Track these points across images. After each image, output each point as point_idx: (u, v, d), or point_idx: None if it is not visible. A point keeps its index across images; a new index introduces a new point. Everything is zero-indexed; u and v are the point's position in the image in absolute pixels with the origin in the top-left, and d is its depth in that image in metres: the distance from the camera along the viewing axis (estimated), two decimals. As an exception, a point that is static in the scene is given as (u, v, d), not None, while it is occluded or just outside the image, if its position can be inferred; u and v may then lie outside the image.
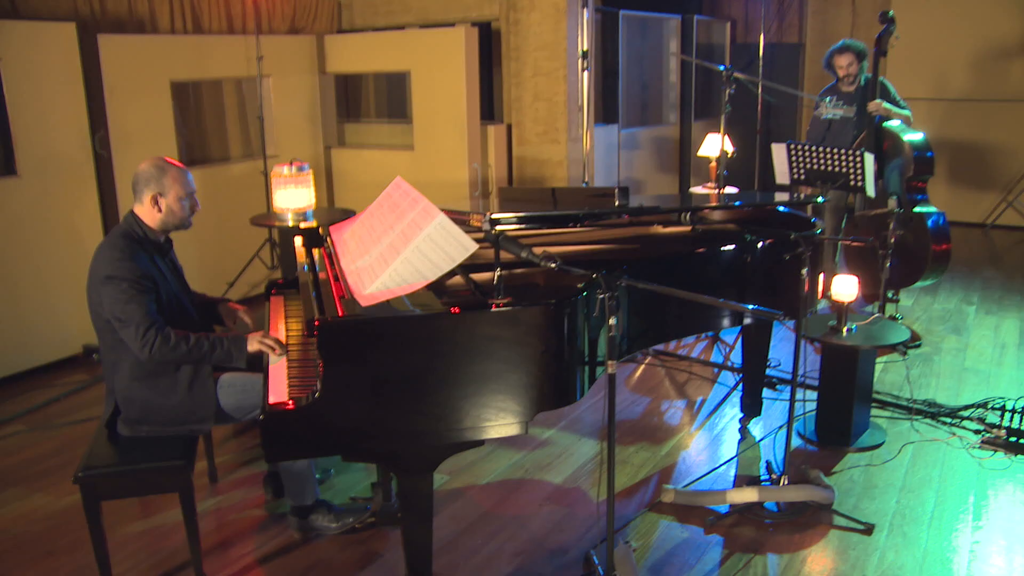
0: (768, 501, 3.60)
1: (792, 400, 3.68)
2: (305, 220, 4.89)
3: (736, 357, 5.37)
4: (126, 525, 3.52)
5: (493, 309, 2.59)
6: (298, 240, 3.84)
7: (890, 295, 6.04)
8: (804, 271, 3.49)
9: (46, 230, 5.20)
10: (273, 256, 6.60)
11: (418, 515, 2.76)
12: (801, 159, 5.35)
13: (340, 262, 3.12)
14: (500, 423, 2.64)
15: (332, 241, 3.46)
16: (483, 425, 2.62)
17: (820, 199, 4.07)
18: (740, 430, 4.39)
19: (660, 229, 4.01)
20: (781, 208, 4.33)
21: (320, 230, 3.83)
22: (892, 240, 5.38)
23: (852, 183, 5.15)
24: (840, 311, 4.13)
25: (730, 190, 6.16)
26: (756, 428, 4.41)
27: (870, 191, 5.10)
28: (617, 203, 3.46)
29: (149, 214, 3.10)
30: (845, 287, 4.06)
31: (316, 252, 3.67)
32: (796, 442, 4.25)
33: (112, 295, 2.91)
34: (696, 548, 3.36)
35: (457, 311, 2.56)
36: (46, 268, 5.20)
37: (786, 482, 3.66)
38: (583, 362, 2.78)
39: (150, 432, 3.02)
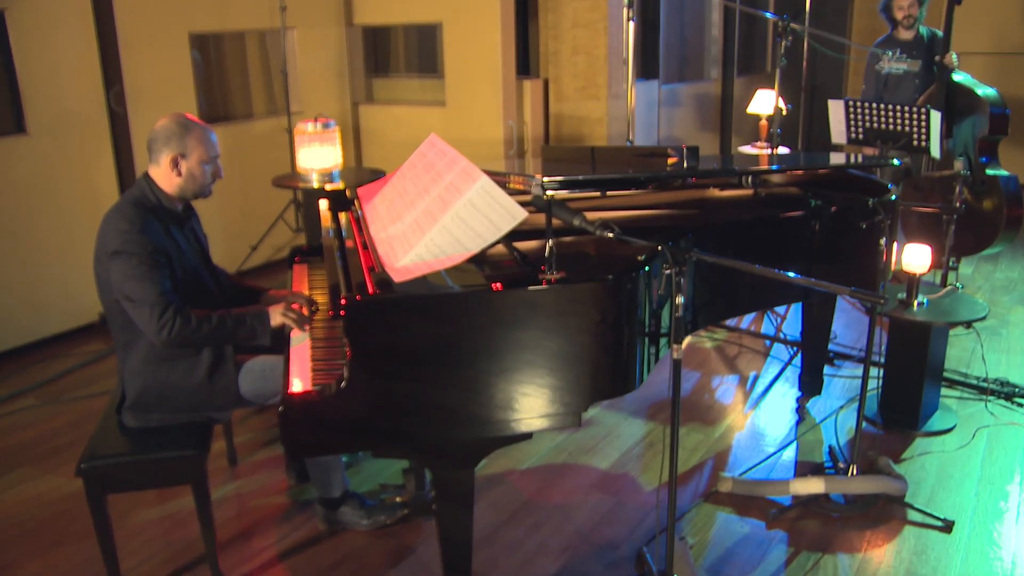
0: (835, 492, 3.29)
1: (865, 381, 3.34)
2: (331, 181, 4.58)
3: (788, 328, 5.03)
4: (139, 512, 3.27)
5: (544, 285, 2.28)
6: (323, 203, 3.54)
7: (950, 263, 5.66)
8: (883, 241, 3.15)
9: (59, 191, 4.93)
10: (298, 218, 6.31)
11: (457, 508, 2.47)
12: (860, 117, 4.97)
13: (369, 228, 2.81)
14: (551, 414, 2.34)
15: (360, 205, 3.16)
16: (532, 417, 2.32)
17: (896, 161, 3.71)
18: (797, 410, 4.07)
19: (717, 193, 3.66)
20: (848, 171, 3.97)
21: (347, 192, 3.53)
22: (959, 205, 5.00)
23: (916, 143, 4.77)
24: (911, 283, 3.78)
25: (782, 151, 5.78)
26: (814, 408, 4.09)
27: (935, 152, 4.72)
28: (686, 165, 3.12)
29: (166, 178, 2.78)
30: (917, 257, 3.70)
31: (343, 217, 3.37)
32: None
33: (121, 271, 2.60)
34: (758, 545, 3.06)
35: (502, 287, 2.24)
36: (59, 232, 4.93)
37: (855, 471, 3.35)
38: (644, 344, 2.46)
39: (162, 421, 2.74)
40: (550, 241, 2.31)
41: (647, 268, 2.42)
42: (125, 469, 2.60)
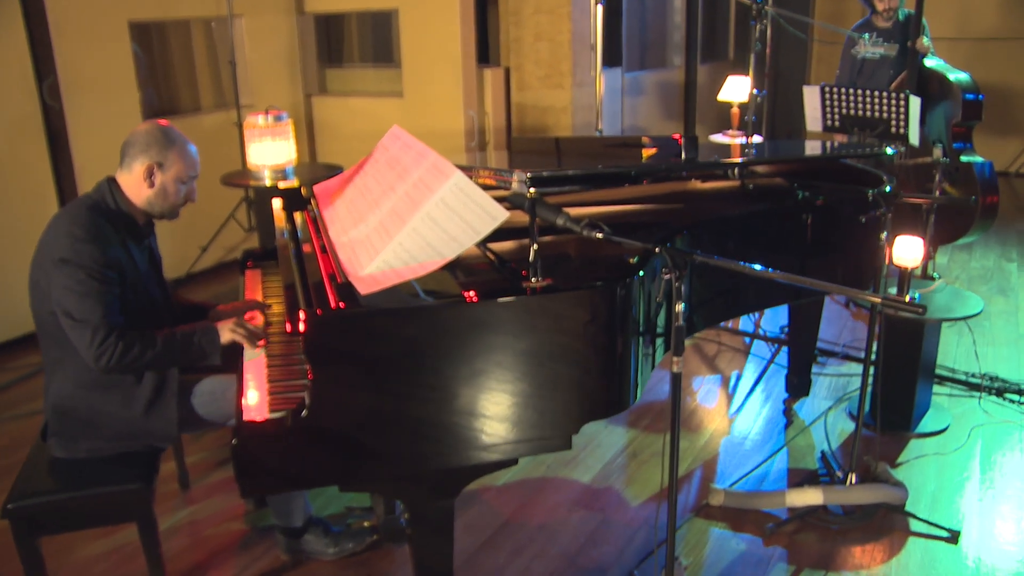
0: (834, 503, 3.09)
1: (864, 385, 3.15)
2: (285, 178, 4.29)
3: (767, 324, 4.83)
4: (81, 546, 2.96)
5: (529, 295, 2.03)
6: (276, 202, 3.26)
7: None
8: (884, 235, 2.95)
9: (-10, 192, 4.57)
10: (250, 217, 5.99)
11: (436, 537, 2.20)
12: (836, 103, 4.80)
13: (328, 231, 2.54)
14: (539, 438, 2.09)
15: (318, 204, 2.88)
16: (519, 442, 2.07)
17: (890, 150, 3.53)
18: (784, 412, 3.87)
19: (700, 185, 3.44)
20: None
21: (303, 190, 3.25)
22: (938, 193, 4.84)
23: (894, 129, 4.59)
24: (902, 277, 3.58)
25: (756, 139, 5.58)
26: (801, 409, 3.90)
27: (913, 139, 4.54)
28: (684, 156, 2.88)
29: (136, 187, 2.48)
30: (908, 250, 3.51)
31: (298, 217, 3.09)
32: (850, 426, 3.74)
33: (64, 284, 2.30)
34: (757, 564, 2.85)
35: (482, 298, 1.99)
36: (-8, 235, 4.58)
37: (854, 480, 3.15)
38: (638, 357, 2.23)
39: (91, 451, 2.44)
40: (534, 244, 2.06)
41: (641, 273, 2.18)
42: (58, 508, 2.30)
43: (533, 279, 2.06)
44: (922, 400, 3.75)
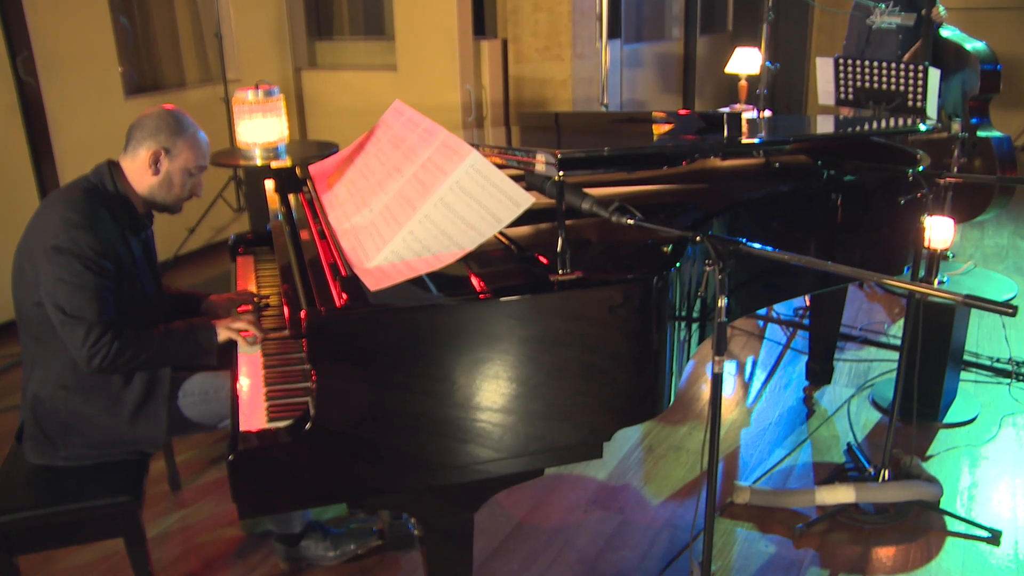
0: (866, 502, 2.91)
1: (900, 374, 2.96)
2: (277, 157, 4.05)
3: (781, 306, 4.64)
4: (64, 556, 2.75)
5: (557, 290, 1.82)
6: (269, 184, 3.04)
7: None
8: (924, 218, 2.75)
9: (-37, 173, 4.32)
10: (239, 196, 5.74)
11: (455, 548, 2.01)
12: (851, 76, 4.59)
13: (328, 217, 2.33)
14: (567, 447, 1.89)
15: (315, 187, 2.67)
16: (545, 450, 1.88)
17: (923, 126, 3.33)
18: (805, 400, 3.69)
19: (720, 163, 3.23)
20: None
21: (297, 170, 3.03)
22: (956, 169, 4.66)
23: (911, 103, 4.39)
24: (931, 260, 3.39)
25: (766, 114, 5.37)
26: (823, 397, 3.72)
27: (931, 112, 4.33)
28: (727, 134, 2.66)
29: (140, 173, 2.29)
30: (939, 231, 3.31)
31: (293, 199, 2.87)
32: (874, 416, 3.56)
33: (57, 274, 2.08)
34: (788, 568, 2.67)
35: (504, 295, 1.78)
36: (-34, 219, 4.32)
37: (887, 476, 2.97)
38: (673, 355, 2.03)
39: (69, 459, 2.22)
40: (563, 233, 1.85)
41: (678, 264, 1.97)
42: (37, 525, 2.09)
43: (560, 271, 1.85)
44: (950, 388, 3.57)
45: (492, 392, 1.79)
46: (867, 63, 4.47)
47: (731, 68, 5.72)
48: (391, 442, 1.75)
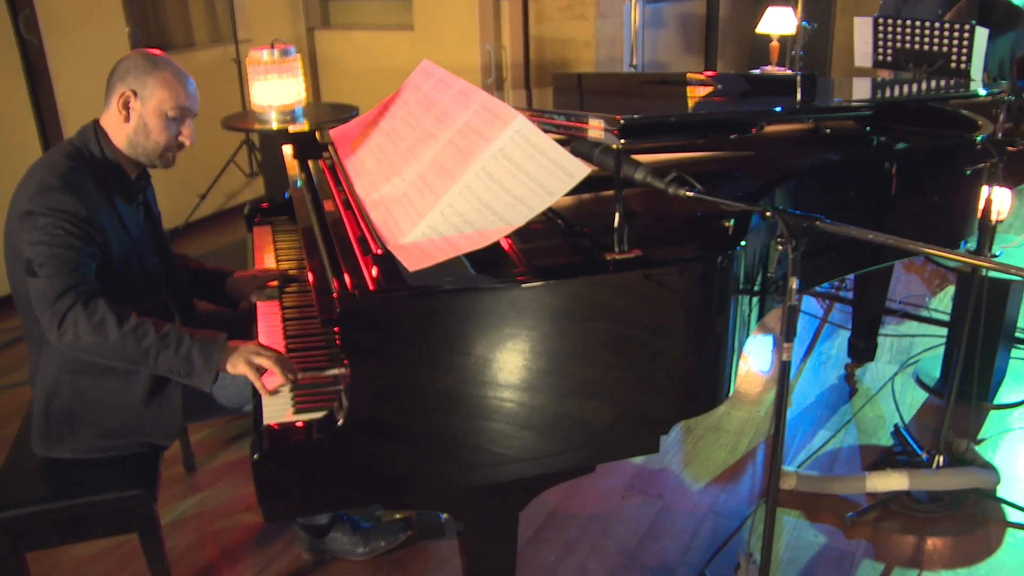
0: (920, 489, 2.75)
1: (951, 353, 2.78)
2: (293, 121, 3.86)
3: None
4: (73, 545, 2.60)
5: (612, 271, 1.65)
6: (287, 149, 2.86)
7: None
8: (989, 189, 2.57)
9: (-35, 137, 4.14)
10: (252, 160, 5.56)
11: (498, 544, 1.85)
12: (890, 36, 4.38)
13: (354, 186, 2.15)
14: (620, 440, 1.73)
15: (337, 153, 2.49)
16: (598, 443, 1.71)
17: (982, 91, 3.13)
18: (847, 378, 3.52)
19: (766, 128, 3.02)
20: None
21: (317, 135, 2.85)
22: (1000, 135, 4.44)
23: (954, 64, 4.18)
24: (984, 231, 3.20)
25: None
26: (865, 374, 3.55)
27: (976, 74, 4.13)
28: (800, 99, 2.47)
29: (115, 125, 2.07)
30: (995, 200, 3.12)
31: (312, 165, 2.69)
32: (920, 395, 3.39)
33: (31, 238, 1.88)
34: (840, 560, 2.52)
35: (561, 276, 1.61)
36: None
37: (941, 462, 2.81)
38: (735, 342, 1.86)
39: (77, 452, 2.04)
40: (620, 207, 1.67)
41: (743, 243, 1.80)
42: (46, 520, 1.94)
43: (617, 249, 1.67)
44: (1000, 367, 3.39)
45: (542, 381, 1.62)
46: (908, 22, 4.26)
47: (763, 28, 5.48)
48: (433, 436, 1.59)
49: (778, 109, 2.48)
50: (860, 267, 2.69)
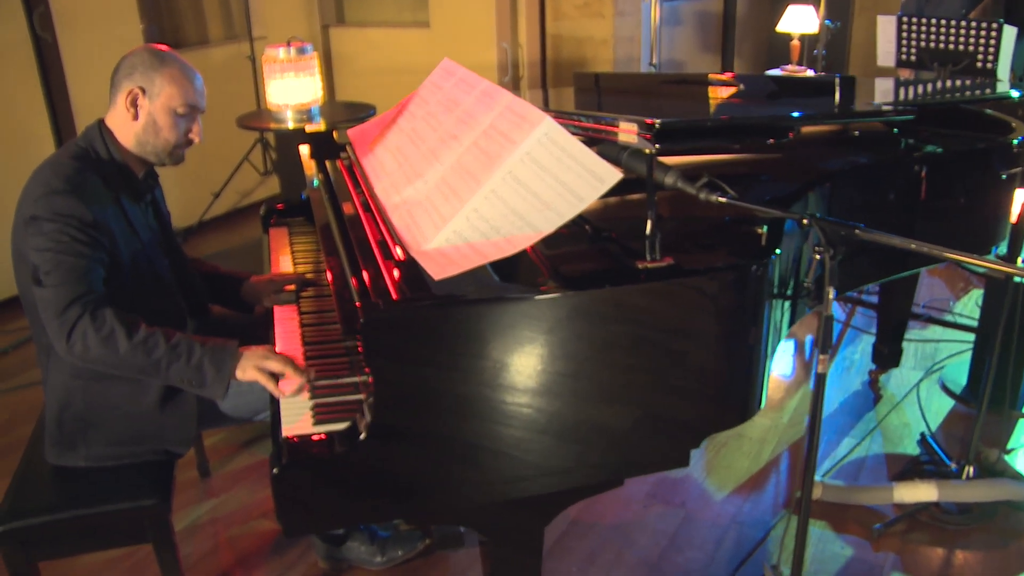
0: (950, 500, 2.69)
1: (980, 359, 2.72)
2: (310, 120, 3.81)
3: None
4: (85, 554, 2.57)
5: (644, 280, 1.59)
6: (304, 149, 2.81)
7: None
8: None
9: (-22, 135, 4.11)
10: (266, 159, 5.52)
11: (523, 555, 1.79)
12: (914, 35, 4.32)
13: (374, 188, 2.10)
14: (649, 454, 1.68)
15: (356, 153, 2.44)
16: (628, 459, 1.66)
17: (1015, 93, 3.05)
18: (871, 384, 3.46)
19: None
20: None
21: (334, 135, 2.80)
22: None
23: (980, 64, 4.10)
24: (1015, 235, 3.13)
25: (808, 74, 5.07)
26: (889, 380, 3.48)
27: (1003, 73, 4.05)
28: (838, 102, 2.41)
29: (123, 123, 2.02)
30: (1025, 203, 3.06)
31: (330, 166, 2.65)
32: (946, 402, 3.32)
33: (36, 244, 1.83)
34: (867, 574, 2.46)
35: (594, 285, 1.56)
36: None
37: (971, 473, 2.74)
38: (767, 352, 1.80)
39: (91, 459, 2.00)
40: (652, 216, 1.62)
41: (779, 251, 1.74)
42: (59, 530, 1.90)
43: (649, 257, 1.62)
44: (1029, 373, 3.32)
45: (567, 394, 1.57)
46: (933, 21, 4.20)
47: (783, 27, 5.41)
48: (460, 447, 1.54)
49: (809, 113, 2.41)
50: (890, 273, 2.62)
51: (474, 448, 1.54)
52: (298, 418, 1.67)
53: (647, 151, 1.63)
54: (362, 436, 1.49)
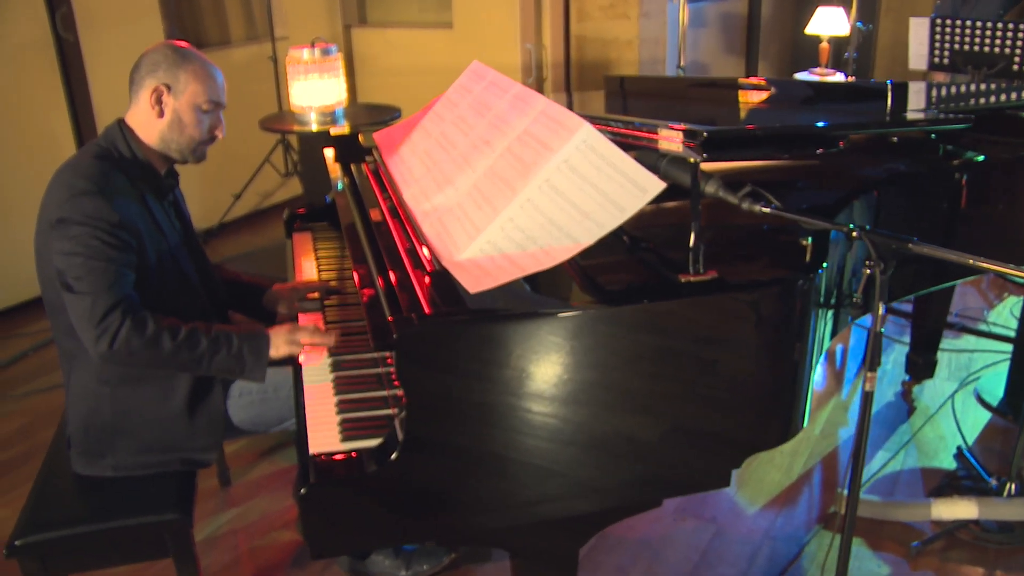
0: (990, 518, 2.61)
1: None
2: (334, 122, 3.77)
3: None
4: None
5: (686, 295, 1.53)
6: (329, 152, 2.76)
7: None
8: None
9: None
10: (287, 160, 5.48)
11: (554, 571, 1.74)
12: (947, 38, 4.24)
13: (403, 195, 2.04)
14: (692, 476, 1.62)
15: (383, 158, 2.38)
16: (667, 480, 1.60)
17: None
18: (904, 395, 3.38)
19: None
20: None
21: (360, 137, 2.75)
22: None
23: (1016, 67, 4.02)
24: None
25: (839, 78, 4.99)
26: (922, 392, 3.40)
27: (1040, 77, 3.98)
28: (890, 109, 2.34)
29: (146, 122, 1.98)
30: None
31: (355, 170, 2.59)
32: (982, 414, 3.24)
33: (63, 248, 1.80)
34: (907, 594, 2.38)
35: (638, 298, 1.50)
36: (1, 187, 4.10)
37: (1013, 490, 2.66)
38: (812, 368, 1.73)
39: (119, 469, 1.96)
40: (697, 224, 1.55)
41: (826, 264, 1.67)
42: (79, 543, 1.85)
43: (692, 270, 1.55)
44: (1068, 386, 3.24)
45: (605, 412, 1.51)
46: (967, 23, 4.13)
47: (812, 29, 5.32)
48: (496, 464, 1.48)
49: (860, 121, 2.33)
50: (935, 284, 2.55)
51: (511, 463, 1.49)
52: (326, 436, 1.61)
53: (691, 160, 1.56)
54: (394, 456, 1.43)
